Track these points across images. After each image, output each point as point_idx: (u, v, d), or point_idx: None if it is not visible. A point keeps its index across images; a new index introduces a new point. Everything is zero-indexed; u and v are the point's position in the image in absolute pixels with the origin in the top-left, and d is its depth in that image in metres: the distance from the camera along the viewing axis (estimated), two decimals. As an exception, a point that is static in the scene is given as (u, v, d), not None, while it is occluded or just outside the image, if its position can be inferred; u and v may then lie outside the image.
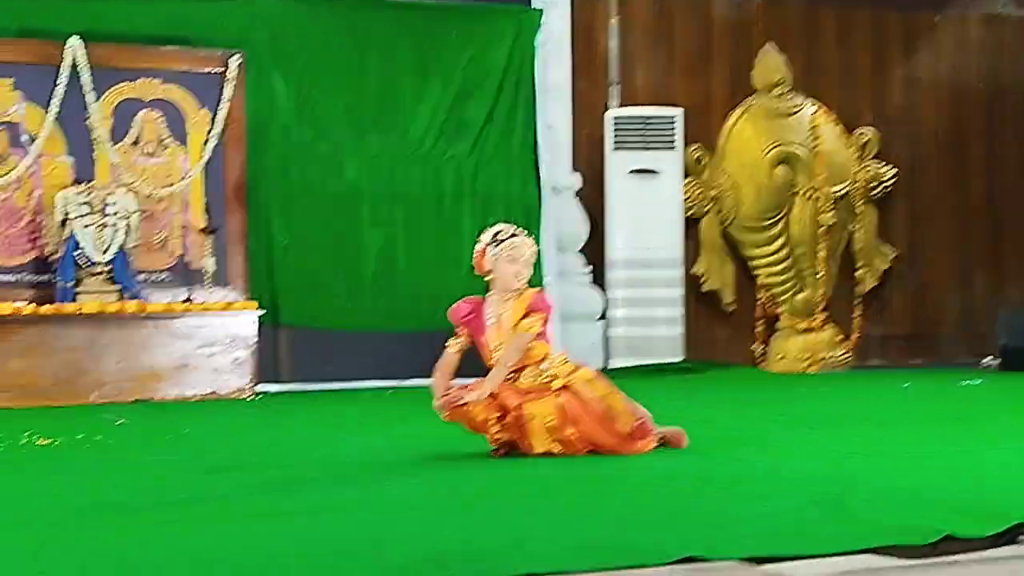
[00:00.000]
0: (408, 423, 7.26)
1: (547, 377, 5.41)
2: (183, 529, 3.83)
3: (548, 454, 5.32)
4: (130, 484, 4.84)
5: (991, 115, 13.18)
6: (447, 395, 5.35)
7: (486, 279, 5.61)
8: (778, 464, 5.05)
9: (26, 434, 6.61)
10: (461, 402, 5.32)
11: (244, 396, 9.51)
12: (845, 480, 4.44)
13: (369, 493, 4.51)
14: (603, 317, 11.62)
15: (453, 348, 5.60)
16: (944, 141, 13.10)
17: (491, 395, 5.34)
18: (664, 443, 5.53)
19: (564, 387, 5.40)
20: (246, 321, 9.63)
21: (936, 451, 5.52)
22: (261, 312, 9.76)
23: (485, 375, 5.44)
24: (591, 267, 11.63)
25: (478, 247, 5.58)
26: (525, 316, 5.43)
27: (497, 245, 5.52)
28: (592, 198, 11.70)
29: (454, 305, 5.68)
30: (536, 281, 5.64)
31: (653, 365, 11.30)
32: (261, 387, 9.79)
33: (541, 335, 5.46)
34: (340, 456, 5.62)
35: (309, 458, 5.62)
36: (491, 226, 5.70)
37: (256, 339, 9.65)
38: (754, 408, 8.09)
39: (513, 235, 5.55)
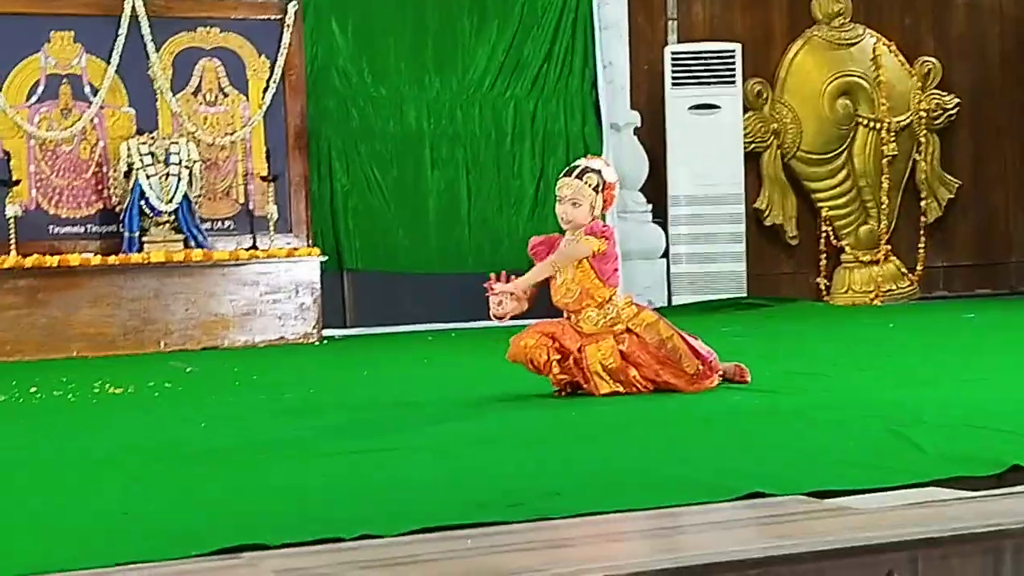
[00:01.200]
0: (474, 364, 7.33)
1: (609, 321, 5.43)
2: (264, 467, 3.93)
3: (613, 394, 5.36)
4: (207, 428, 4.94)
5: (1056, 40, 13.00)
6: (495, 289, 5.38)
7: None
8: (842, 397, 5.07)
9: (98, 383, 6.73)
10: (503, 307, 5.34)
11: (311, 341, 9.61)
12: (910, 411, 4.46)
13: (440, 432, 4.59)
14: (665, 254, 11.62)
15: None
16: (1008, 68, 12.94)
17: (552, 336, 5.36)
18: (726, 379, 5.56)
19: (627, 330, 5.42)
20: (310, 267, 9.72)
21: (1004, 380, 5.52)
22: (324, 258, 9.84)
23: (553, 315, 5.48)
24: (652, 205, 11.62)
25: None
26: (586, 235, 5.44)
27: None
28: (652, 135, 11.67)
29: (532, 238, 5.70)
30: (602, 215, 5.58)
31: (716, 301, 11.30)
32: (327, 332, 9.88)
33: (607, 277, 5.44)
34: (409, 397, 5.70)
35: (379, 400, 5.70)
36: (569, 163, 5.67)
37: (320, 285, 9.74)
38: (818, 342, 8.10)
39: (567, 172, 5.52)
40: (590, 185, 5.41)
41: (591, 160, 5.62)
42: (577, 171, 5.46)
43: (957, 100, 12.52)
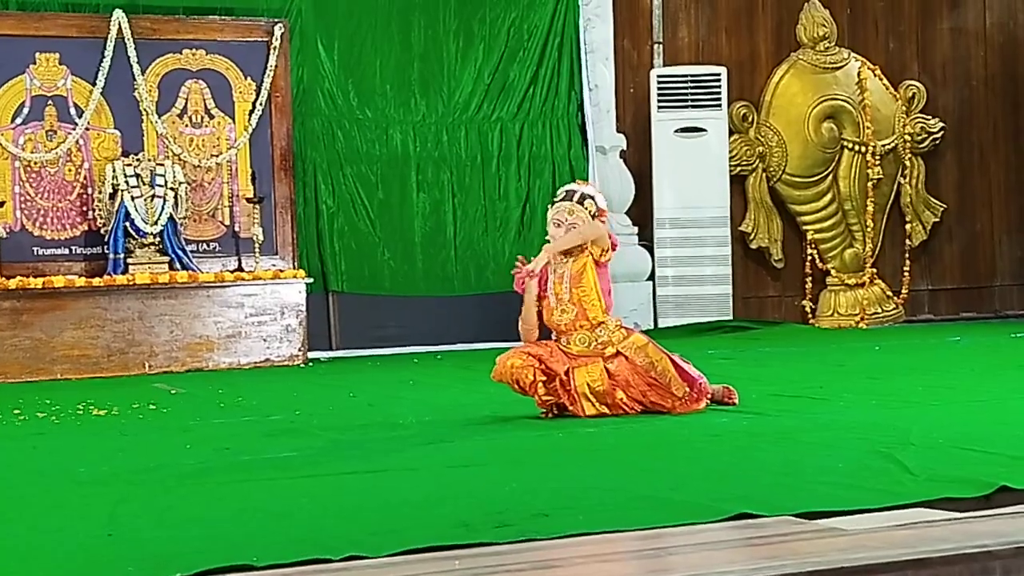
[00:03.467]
0: (459, 387, 7.32)
1: (600, 344, 5.44)
2: (251, 488, 3.92)
3: (599, 416, 5.36)
4: (192, 448, 4.93)
5: (1040, 64, 13.06)
6: (520, 271, 5.43)
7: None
8: (829, 419, 5.07)
9: (82, 405, 6.71)
10: (521, 273, 5.38)
11: (296, 363, 9.59)
12: (898, 433, 4.46)
13: (427, 453, 4.58)
14: (651, 277, 11.62)
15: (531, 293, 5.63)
16: (992, 92, 13.00)
17: (539, 359, 5.37)
18: (714, 401, 5.57)
19: (616, 353, 5.43)
20: (295, 289, 9.70)
21: (990, 403, 5.53)
22: (310, 280, 9.83)
23: (546, 337, 5.50)
24: (638, 227, 11.63)
25: None
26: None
27: (553, 204, 5.60)
28: (638, 158, 11.69)
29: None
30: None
31: (702, 324, 11.30)
32: (312, 354, 9.86)
33: (606, 298, 5.47)
34: (395, 419, 5.69)
35: (366, 421, 5.69)
36: (555, 186, 5.77)
37: (305, 307, 9.72)
38: (805, 364, 8.11)
39: (564, 197, 5.57)
40: (589, 211, 5.51)
41: (584, 186, 5.70)
42: (577, 196, 5.53)
43: (942, 124, 12.57)
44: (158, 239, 9.45)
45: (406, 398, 6.86)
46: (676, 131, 11.58)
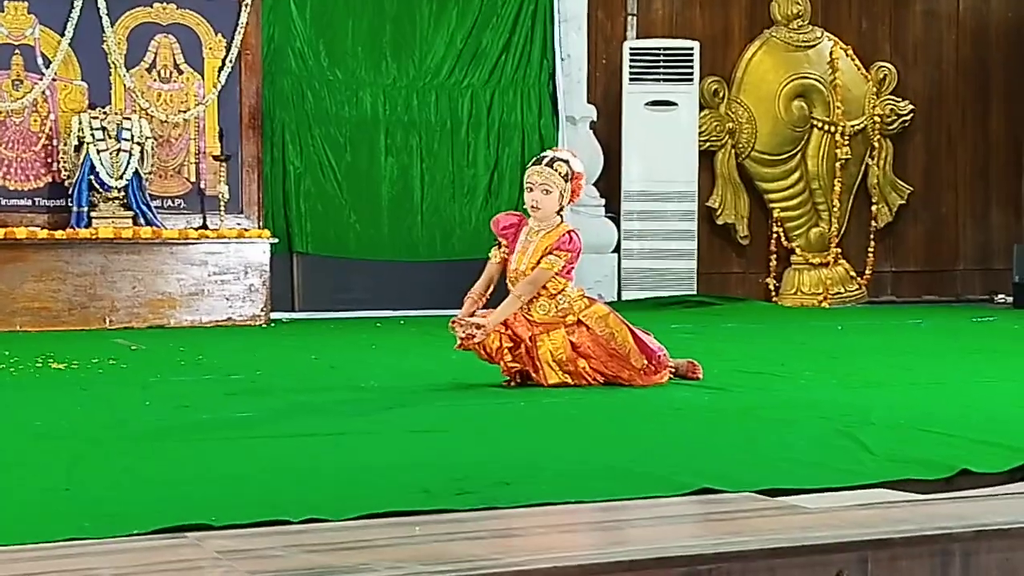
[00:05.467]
0: (422, 352, 7.30)
1: (561, 312, 5.43)
2: (209, 448, 3.89)
3: (562, 385, 5.36)
4: (151, 406, 4.89)
5: (1011, 50, 13.09)
6: (462, 322, 5.35)
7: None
8: (792, 397, 5.08)
9: (41, 358, 6.65)
10: (473, 339, 5.32)
11: (258, 323, 9.56)
12: (860, 413, 4.47)
13: (389, 418, 4.56)
14: (617, 249, 11.62)
15: (495, 258, 5.58)
16: (962, 77, 13.03)
17: (504, 324, 5.36)
18: (678, 375, 5.57)
19: (578, 322, 5.42)
20: (260, 249, 9.66)
21: (951, 386, 5.56)
22: (274, 240, 9.78)
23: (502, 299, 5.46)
24: (605, 199, 11.63)
25: None
26: (550, 253, 5.42)
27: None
28: (608, 130, 11.68)
29: (498, 215, 5.69)
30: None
31: (666, 298, 11.33)
32: (275, 315, 9.83)
33: (562, 271, 5.45)
34: (357, 383, 5.67)
35: (327, 384, 5.67)
36: (524, 154, 5.72)
37: (269, 267, 9.68)
38: (768, 341, 8.13)
39: (537, 161, 5.54)
40: (560, 174, 5.45)
41: (558, 151, 5.68)
42: (547, 160, 5.49)
43: (911, 106, 12.61)
44: (123, 193, 9.38)
45: (368, 362, 6.84)
46: (647, 104, 11.57)
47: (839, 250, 12.39)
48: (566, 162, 5.49)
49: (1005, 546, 2.68)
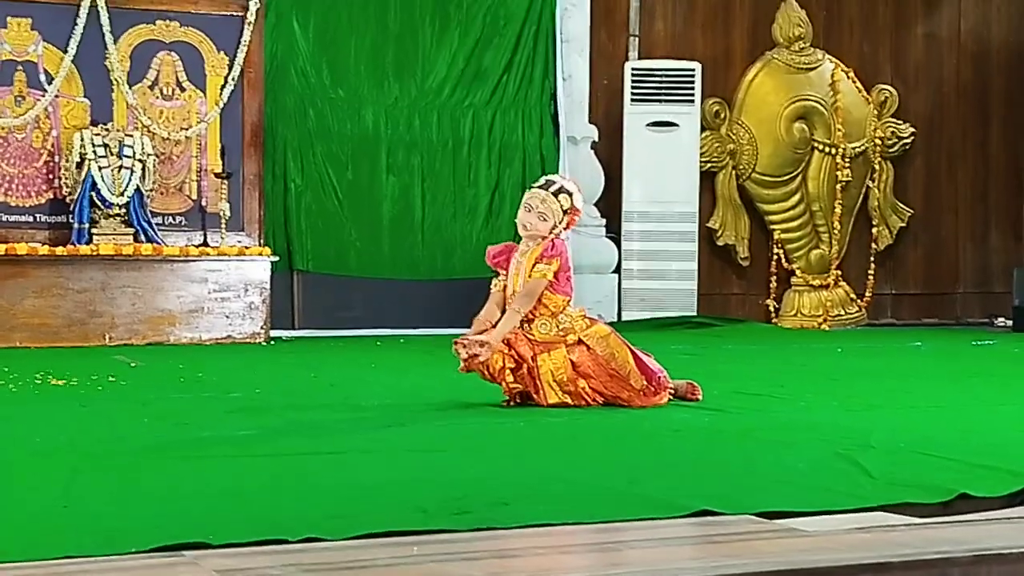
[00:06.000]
0: (422, 371, 7.30)
1: (562, 331, 5.43)
2: (208, 465, 3.89)
3: (561, 405, 5.36)
4: (150, 423, 4.89)
5: (1011, 73, 13.12)
6: (465, 341, 5.34)
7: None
8: (792, 419, 5.08)
9: (39, 374, 6.65)
10: (477, 358, 5.31)
11: (258, 341, 9.55)
12: (859, 435, 4.47)
13: (388, 436, 4.56)
14: (617, 270, 11.63)
15: (497, 286, 5.59)
16: (963, 100, 13.05)
17: (507, 343, 5.36)
18: (678, 396, 5.57)
19: (579, 342, 5.42)
20: (260, 266, 9.66)
21: (951, 409, 5.55)
22: (275, 258, 9.78)
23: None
24: (605, 219, 11.63)
25: None
26: (538, 263, 5.44)
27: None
28: (609, 150, 11.69)
29: (489, 248, 5.71)
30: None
31: (666, 319, 11.32)
32: (274, 332, 9.82)
33: (560, 286, 5.46)
34: (357, 401, 5.66)
35: (327, 402, 5.66)
36: (525, 175, 5.73)
37: (270, 285, 9.68)
38: (768, 363, 8.13)
39: (543, 185, 5.55)
40: (562, 206, 5.48)
41: (567, 181, 5.68)
42: (554, 187, 5.51)
43: (912, 129, 12.62)
44: (124, 210, 9.38)
45: (368, 380, 6.84)
46: (648, 125, 11.59)
47: (839, 272, 12.39)
48: (570, 195, 5.52)
49: (1004, 571, 2.68)
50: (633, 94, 11.60)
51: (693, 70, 11.68)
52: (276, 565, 2.57)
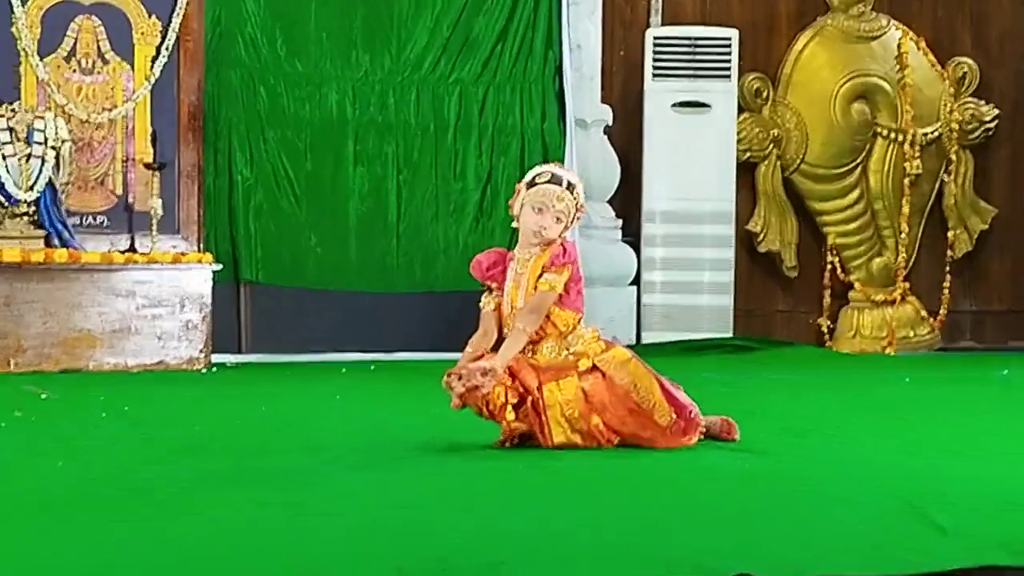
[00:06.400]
0: (398, 405, 7.30)
1: (573, 355, 5.43)
2: (136, 522, 3.87)
3: (569, 445, 5.35)
4: (64, 468, 4.88)
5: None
6: (462, 371, 5.32)
7: (514, 227, 5.64)
8: (848, 464, 5.08)
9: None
10: (479, 390, 5.29)
11: (197, 368, 9.55)
12: (930, 485, 4.47)
13: (356, 485, 4.55)
14: (635, 281, 11.64)
15: (488, 305, 5.58)
16: (1059, 75, 13.08)
17: (510, 372, 5.35)
18: (710, 436, 5.57)
19: (592, 368, 5.42)
20: (199, 277, 9.66)
21: (1041, 453, 5.56)
22: (218, 266, 9.79)
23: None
24: (622, 221, 11.64)
25: (517, 186, 5.64)
26: (545, 271, 5.45)
27: (530, 187, 5.55)
28: (626, 136, 11.71)
29: (477, 257, 5.69)
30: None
31: (696, 341, 11.33)
32: (217, 357, 9.82)
33: (570, 299, 5.46)
34: (317, 442, 5.66)
35: (280, 444, 5.66)
36: (524, 165, 5.73)
37: (211, 299, 9.68)
38: (819, 395, 8.13)
39: (553, 180, 5.55)
40: (576, 203, 5.55)
41: (563, 169, 5.69)
42: (565, 181, 5.53)
43: (996, 111, 12.63)
44: (33, 208, 9.39)
45: (332, 416, 6.83)
46: (674, 105, 11.61)
47: (907, 285, 12.40)
48: (575, 188, 5.55)
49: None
50: (656, 68, 11.62)
51: (729, 39, 11.70)
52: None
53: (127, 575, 3.19)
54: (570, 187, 5.54)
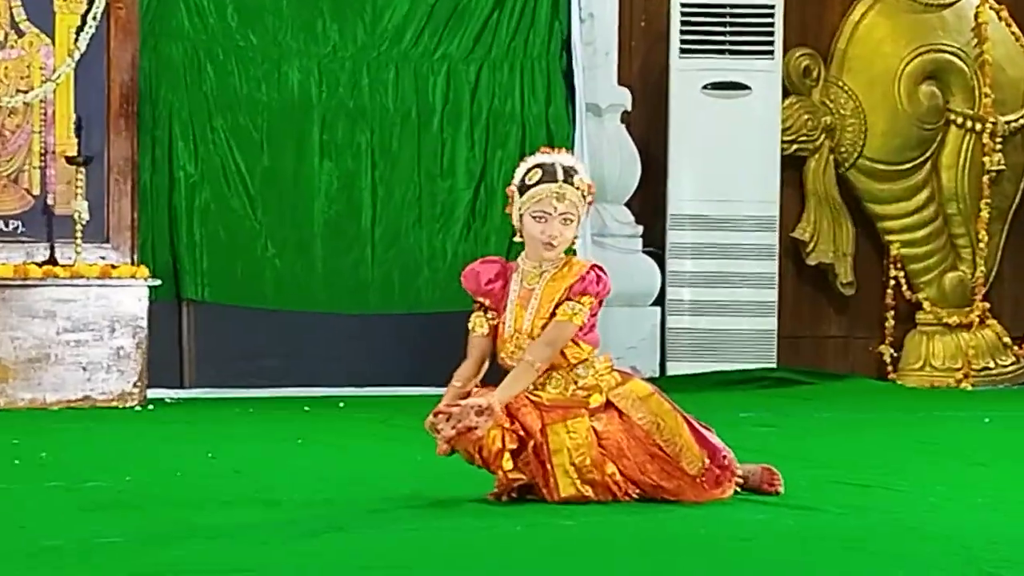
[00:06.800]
0: (371, 450, 7.30)
1: (583, 389, 5.44)
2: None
3: (578, 500, 5.36)
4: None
5: None
6: (452, 410, 5.32)
7: (515, 240, 5.64)
8: (914, 522, 5.10)
9: None
10: (474, 432, 5.29)
11: (129, 405, 9.55)
12: (1010, 546, 4.48)
13: (321, 548, 4.56)
14: (659, 301, 11.64)
15: (480, 328, 5.57)
16: None
17: (508, 413, 5.35)
18: (748, 487, 5.58)
19: (606, 405, 5.42)
20: (133, 295, 9.66)
21: None
22: (156, 282, 9.78)
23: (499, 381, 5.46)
24: (643, 227, 11.65)
25: (508, 191, 5.63)
26: (568, 298, 5.44)
27: (524, 192, 5.53)
28: (647, 125, 11.72)
29: (472, 266, 5.69)
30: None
31: (732, 373, 11.33)
32: (154, 392, 9.82)
33: (586, 331, 5.46)
34: (274, 495, 5.67)
35: (230, 496, 5.67)
36: (528, 155, 5.71)
37: (148, 322, 9.68)
38: (880, 438, 8.13)
39: (546, 176, 5.52)
40: (581, 192, 5.50)
41: (553, 155, 5.65)
42: (561, 171, 5.50)
43: (1096, 95, 12.65)
44: (-68, 212, 9.41)
45: (292, 464, 6.84)
46: (705, 87, 11.61)
47: (987, 305, 12.41)
48: (579, 172, 5.55)
49: None
50: (684, 42, 11.63)
51: (772, 7, 11.71)
52: None
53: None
54: (568, 177, 5.50)
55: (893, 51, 12.24)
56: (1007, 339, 12.47)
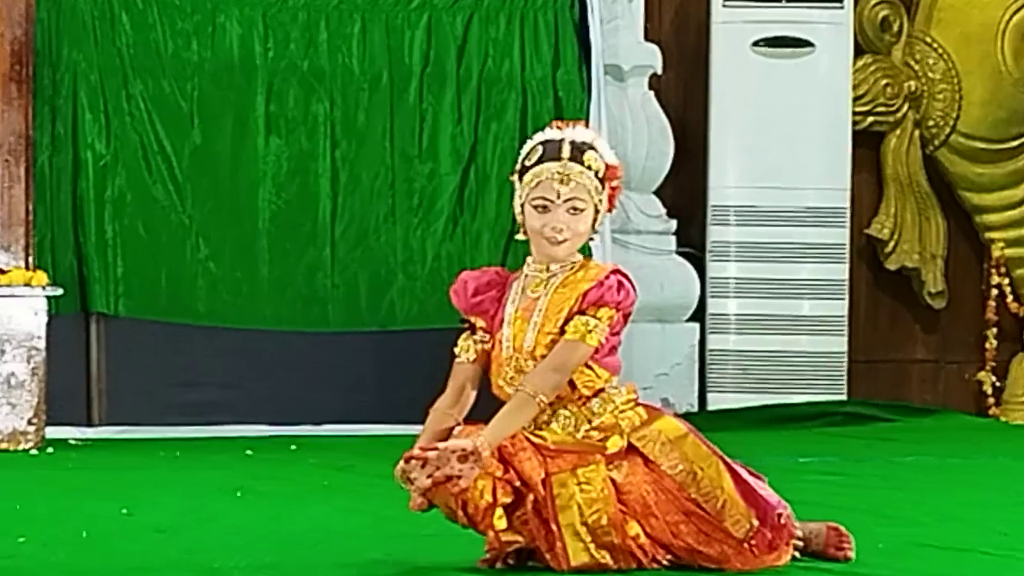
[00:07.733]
0: (329, 502, 7.33)
1: (598, 430, 5.45)
2: None
3: (593, 568, 5.37)
4: None
5: None
6: (427, 454, 5.32)
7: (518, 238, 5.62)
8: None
9: None
10: (456, 483, 5.30)
11: (24, 447, 9.58)
12: None
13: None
14: (698, 316, 11.67)
15: (467, 353, 5.57)
16: None
17: (501, 458, 5.35)
18: (810, 552, 5.60)
19: (628, 449, 5.44)
20: (28, 308, 9.69)
21: None
22: (56, 291, 9.81)
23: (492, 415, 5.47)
24: (677, 222, 11.68)
25: (511, 178, 5.61)
26: (582, 311, 5.44)
27: (522, 175, 5.51)
28: (683, 92, 11.76)
29: (465, 273, 5.69)
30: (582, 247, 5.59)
31: (790, 408, 11.35)
32: (55, 431, 9.84)
33: (604, 353, 5.46)
34: (208, 561, 5.69)
35: (152, 564, 5.69)
36: (525, 133, 5.71)
37: (46, 342, 9.70)
38: (977, 489, 8.16)
39: (547, 154, 5.51)
40: (594, 171, 5.48)
41: (560, 129, 5.62)
42: (567, 148, 5.47)
43: None
44: None
45: (231, 522, 6.86)
46: (756, 44, 11.64)
47: (1115, 321, 12.46)
48: (595, 150, 5.51)
49: None
50: (728, -11, 11.69)
51: (840, -54, 11.77)
52: None
53: None
54: (576, 153, 5.47)
55: (994, 1, 12.28)
56: None
